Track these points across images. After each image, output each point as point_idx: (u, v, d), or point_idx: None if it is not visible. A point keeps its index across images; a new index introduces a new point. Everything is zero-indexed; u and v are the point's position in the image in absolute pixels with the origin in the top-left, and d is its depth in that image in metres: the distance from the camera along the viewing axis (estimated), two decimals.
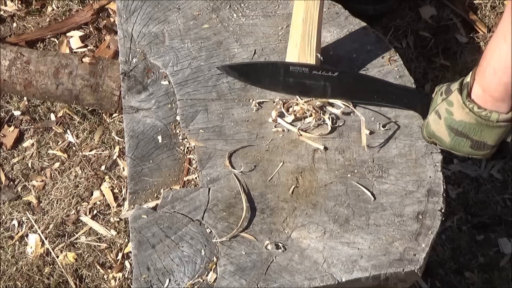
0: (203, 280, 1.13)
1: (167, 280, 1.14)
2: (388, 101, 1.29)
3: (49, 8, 2.21)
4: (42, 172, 1.90)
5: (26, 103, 2.00)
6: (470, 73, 1.13)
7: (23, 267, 1.75)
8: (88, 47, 2.10)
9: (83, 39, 2.12)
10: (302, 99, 1.33)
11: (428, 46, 2.13)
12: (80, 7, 2.19)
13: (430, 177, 1.23)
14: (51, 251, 1.77)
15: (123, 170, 1.87)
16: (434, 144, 1.24)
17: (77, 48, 2.10)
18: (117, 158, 1.90)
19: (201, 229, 1.19)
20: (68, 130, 1.95)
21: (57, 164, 1.90)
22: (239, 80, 1.35)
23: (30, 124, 1.98)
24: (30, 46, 2.08)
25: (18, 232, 1.81)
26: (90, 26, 2.13)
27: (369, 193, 1.21)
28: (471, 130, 1.13)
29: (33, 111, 1.99)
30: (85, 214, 1.82)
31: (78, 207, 1.83)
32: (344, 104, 1.30)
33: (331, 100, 1.31)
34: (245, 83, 1.35)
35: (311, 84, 1.29)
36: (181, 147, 1.30)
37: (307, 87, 1.30)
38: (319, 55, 1.30)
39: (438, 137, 1.20)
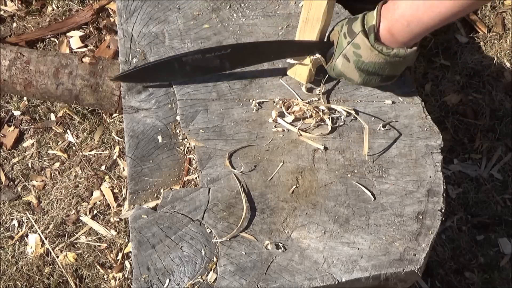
0: (203, 280, 1.13)
1: (167, 280, 1.14)
2: (288, 56, 1.32)
3: (49, 8, 2.21)
4: (42, 172, 1.90)
5: (26, 103, 2.00)
6: (373, 13, 1.17)
7: (23, 267, 1.75)
8: (88, 47, 2.10)
9: (83, 39, 2.12)
10: (302, 100, 1.33)
11: (428, 46, 2.13)
12: (80, 7, 2.19)
13: (430, 177, 1.23)
14: (51, 251, 1.77)
15: (123, 170, 1.87)
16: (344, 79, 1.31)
17: (77, 48, 2.10)
18: (117, 158, 1.90)
19: (201, 229, 1.19)
20: (68, 130, 1.95)
21: (57, 164, 1.90)
22: (138, 84, 1.36)
23: (30, 124, 1.98)
24: (30, 46, 2.08)
25: (18, 232, 1.82)
26: (90, 26, 2.13)
27: (369, 193, 1.21)
28: (381, 68, 1.21)
29: (33, 111, 1.99)
30: (85, 214, 1.82)
31: (78, 207, 1.83)
32: (345, 110, 1.30)
33: (333, 106, 1.31)
34: (144, 84, 1.36)
35: (208, 65, 1.31)
36: (181, 147, 1.30)
37: (204, 69, 1.32)
38: (318, 58, 1.30)
39: (348, 78, 1.27)
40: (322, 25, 1.24)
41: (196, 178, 1.26)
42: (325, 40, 1.30)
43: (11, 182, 1.90)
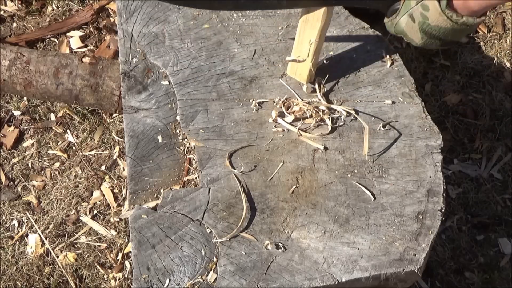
0: (203, 280, 1.13)
1: (167, 280, 1.14)
2: (348, 3, 1.29)
3: (49, 8, 2.21)
4: (42, 172, 1.90)
5: (26, 103, 2.00)
6: None
7: (23, 267, 1.75)
8: (88, 47, 2.10)
9: (83, 39, 2.12)
10: (302, 100, 1.33)
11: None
12: (80, 7, 2.19)
13: (430, 177, 1.23)
14: (51, 251, 1.77)
15: (123, 170, 1.87)
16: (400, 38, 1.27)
17: (77, 48, 2.10)
18: (117, 158, 1.90)
19: (201, 229, 1.19)
20: (68, 130, 1.95)
21: (57, 164, 1.90)
22: (189, 7, 1.28)
23: (30, 124, 1.98)
24: (30, 46, 2.08)
25: (18, 232, 1.81)
26: (90, 26, 2.13)
27: (369, 193, 1.21)
28: (445, 34, 1.18)
29: (33, 111, 1.99)
30: (85, 214, 1.82)
31: (78, 207, 1.83)
32: (345, 110, 1.30)
33: (333, 106, 1.31)
34: (195, 8, 1.28)
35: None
36: (181, 147, 1.30)
37: (260, 3, 1.27)
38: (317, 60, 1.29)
39: (409, 37, 1.24)
40: (322, 25, 1.24)
41: (196, 178, 1.26)
42: None
43: (11, 182, 1.90)
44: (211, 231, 1.18)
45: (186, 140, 1.31)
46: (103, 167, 1.88)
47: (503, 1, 1.11)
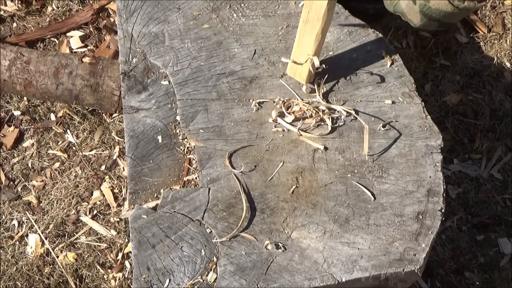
0: (203, 280, 1.13)
1: (167, 280, 1.14)
2: None
3: (49, 8, 2.21)
4: (42, 172, 1.90)
5: (26, 103, 2.00)
6: None
7: (23, 267, 1.75)
8: (88, 47, 2.10)
9: (83, 39, 2.12)
10: (302, 100, 1.33)
11: (428, 46, 2.13)
12: (80, 7, 2.19)
13: (430, 177, 1.23)
14: (51, 251, 1.77)
15: (123, 170, 1.87)
16: (399, 18, 1.29)
17: (77, 48, 2.10)
18: (117, 158, 1.90)
19: (201, 229, 1.19)
20: (68, 130, 1.95)
21: (57, 164, 1.90)
22: None
23: (30, 124, 1.98)
24: (30, 46, 2.08)
25: (18, 232, 1.81)
26: (90, 26, 2.13)
27: (369, 193, 1.21)
28: (444, 17, 1.20)
29: (33, 111, 1.99)
30: (85, 214, 1.82)
31: (78, 207, 1.83)
32: (345, 110, 1.30)
33: (333, 106, 1.31)
34: None
35: None
36: (181, 147, 1.30)
37: None
38: (316, 61, 1.29)
39: (408, 18, 1.26)
40: (323, 25, 1.24)
41: (196, 178, 1.26)
42: None
43: (11, 182, 1.90)
44: (211, 231, 1.18)
45: (186, 140, 1.31)
46: (103, 167, 1.88)
47: None
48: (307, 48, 1.28)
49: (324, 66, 1.32)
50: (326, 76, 1.34)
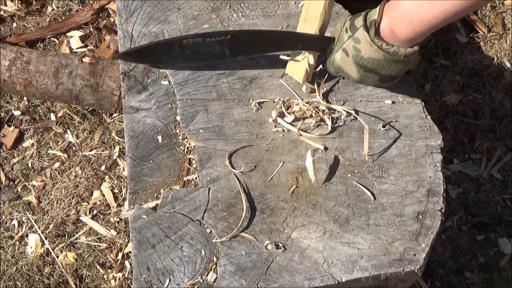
0: (203, 280, 1.13)
1: (167, 280, 1.14)
2: (288, 48, 1.32)
3: (49, 8, 2.21)
4: (42, 172, 1.90)
5: (26, 103, 2.00)
6: (376, 9, 1.16)
7: (23, 267, 1.75)
8: (88, 47, 2.10)
9: (83, 39, 2.12)
10: (302, 100, 1.33)
11: (428, 46, 2.13)
12: (80, 7, 2.19)
13: (430, 177, 1.23)
14: (51, 251, 1.77)
15: (123, 170, 1.87)
16: (342, 77, 1.32)
17: (77, 48, 2.10)
18: (117, 158, 1.90)
19: (201, 229, 1.19)
20: (68, 130, 1.95)
21: (57, 164, 1.90)
22: (138, 63, 1.37)
23: (30, 124, 1.98)
24: (30, 46, 2.08)
25: (18, 232, 1.81)
26: (90, 26, 2.13)
27: (369, 193, 1.21)
28: (379, 66, 1.19)
29: (33, 111, 1.99)
30: (85, 214, 1.82)
31: (78, 207, 1.83)
32: (345, 110, 1.30)
33: (333, 106, 1.31)
34: (145, 65, 1.37)
35: (208, 51, 1.31)
36: (181, 147, 1.30)
37: (205, 54, 1.32)
38: (310, 59, 1.29)
39: (346, 73, 1.26)
40: (321, 24, 1.24)
41: (196, 178, 1.26)
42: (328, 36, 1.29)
43: (11, 182, 1.90)
44: (211, 231, 1.18)
45: (186, 140, 1.31)
46: (103, 167, 1.88)
47: (431, 30, 1.10)
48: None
49: (321, 66, 1.32)
50: (326, 76, 1.34)
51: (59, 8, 2.20)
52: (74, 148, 1.92)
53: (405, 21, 1.10)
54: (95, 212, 1.82)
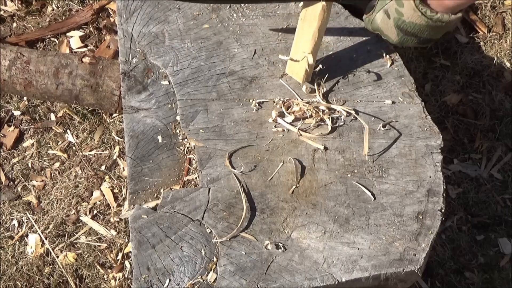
0: (203, 280, 1.13)
1: (167, 280, 1.14)
2: None
3: (49, 8, 2.21)
4: (42, 172, 1.90)
5: (26, 103, 2.00)
6: None
7: (23, 267, 1.75)
8: (88, 47, 2.10)
9: (83, 39, 2.12)
10: (302, 100, 1.33)
11: (428, 46, 2.13)
12: (80, 7, 2.19)
13: (430, 177, 1.23)
14: (51, 251, 1.77)
15: (123, 170, 1.87)
16: (379, 36, 1.30)
17: (77, 48, 2.10)
18: (117, 158, 1.90)
19: (201, 229, 1.19)
20: (68, 130, 1.95)
21: (57, 164, 1.90)
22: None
23: (30, 124, 1.98)
24: (30, 46, 2.08)
25: (18, 232, 1.81)
26: (90, 26, 2.13)
27: (369, 193, 1.21)
28: (420, 31, 1.18)
29: (33, 111, 1.99)
30: (85, 214, 1.82)
31: (78, 207, 1.83)
32: (345, 110, 1.30)
33: (333, 106, 1.31)
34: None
35: None
36: (181, 147, 1.30)
37: None
38: (310, 58, 1.29)
39: (385, 34, 1.25)
40: (319, 24, 1.24)
41: (196, 178, 1.26)
42: None
43: (11, 182, 1.90)
44: (211, 231, 1.18)
45: (186, 140, 1.31)
46: (103, 167, 1.88)
47: None
48: (304, 46, 1.28)
49: (321, 66, 1.32)
50: (326, 76, 1.34)
51: (59, 8, 2.20)
52: (74, 148, 1.92)
53: None
54: (95, 212, 1.82)
